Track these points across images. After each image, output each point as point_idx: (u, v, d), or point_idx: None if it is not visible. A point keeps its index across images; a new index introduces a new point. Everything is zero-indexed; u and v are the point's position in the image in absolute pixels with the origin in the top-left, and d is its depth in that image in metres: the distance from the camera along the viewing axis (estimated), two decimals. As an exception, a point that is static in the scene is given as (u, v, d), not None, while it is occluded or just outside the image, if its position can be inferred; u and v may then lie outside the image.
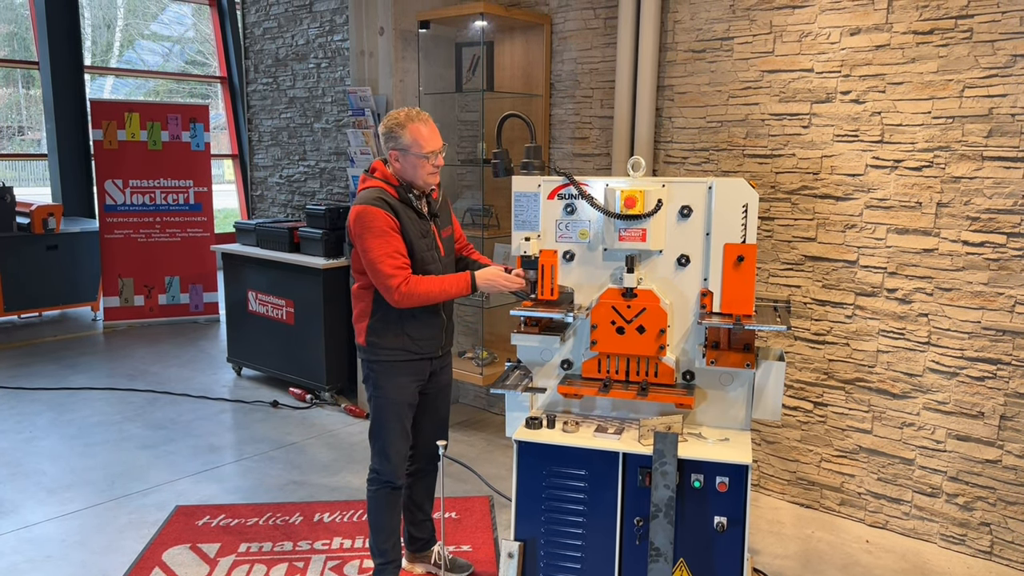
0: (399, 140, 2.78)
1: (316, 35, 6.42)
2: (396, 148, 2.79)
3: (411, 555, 3.30)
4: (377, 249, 2.72)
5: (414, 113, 2.82)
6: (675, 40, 4.11)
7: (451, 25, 4.83)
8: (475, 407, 5.35)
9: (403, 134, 2.76)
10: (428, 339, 2.94)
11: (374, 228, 2.72)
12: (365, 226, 2.73)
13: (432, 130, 2.81)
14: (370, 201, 2.76)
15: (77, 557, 3.43)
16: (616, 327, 2.71)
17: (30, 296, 7.56)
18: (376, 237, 2.72)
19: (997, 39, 3.21)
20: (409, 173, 2.81)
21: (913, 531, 3.64)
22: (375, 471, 3.01)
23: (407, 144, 2.77)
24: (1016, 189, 3.23)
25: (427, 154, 2.78)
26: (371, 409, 2.99)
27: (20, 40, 10.93)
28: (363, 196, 2.80)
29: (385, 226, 2.73)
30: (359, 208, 2.76)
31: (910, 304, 3.54)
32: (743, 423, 2.75)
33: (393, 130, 2.78)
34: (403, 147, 2.78)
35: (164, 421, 5.07)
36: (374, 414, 2.98)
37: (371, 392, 2.97)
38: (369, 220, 2.73)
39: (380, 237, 2.72)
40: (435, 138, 2.82)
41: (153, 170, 7.64)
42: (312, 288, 5.32)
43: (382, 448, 2.97)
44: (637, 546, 2.58)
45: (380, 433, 2.97)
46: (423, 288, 2.75)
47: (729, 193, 2.62)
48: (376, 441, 2.99)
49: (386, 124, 2.81)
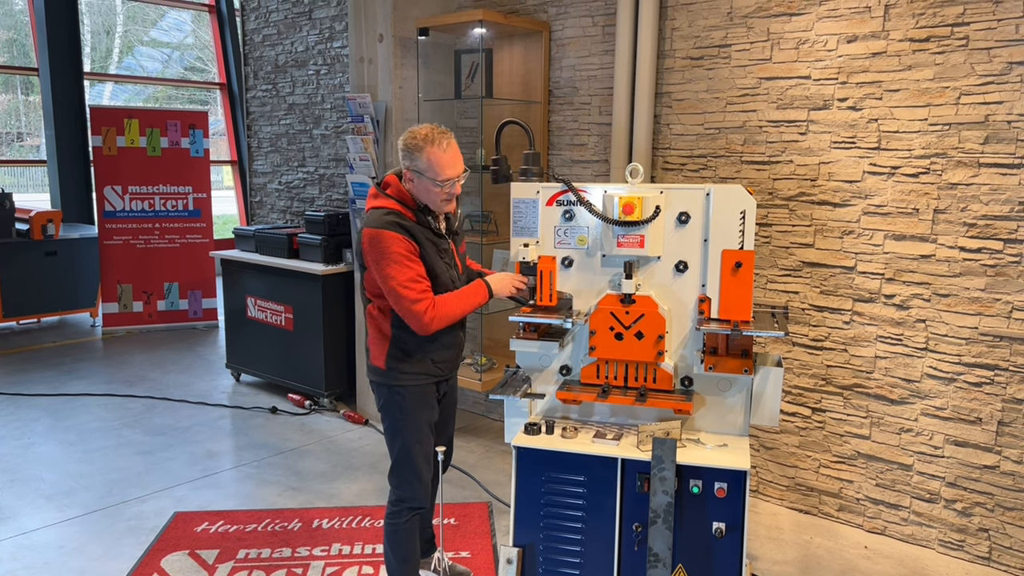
0: (416, 161, 2.63)
1: (315, 42, 6.44)
2: (412, 169, 2.65)
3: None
4: (398, 276, 2.58)
5: (436, 134, 2.64)
6: (673, 47, 4.13)
7: (450, 32, 4.85)
8: (474, 413, 5.35)
9: (420, 156, 2.61)
10: (449, 360, 2.89)
11: (392, 254, 2.58)
12: (382, 252, 2.59)
13: (452, 156, 2.65)
14: (385, 225, 2.61)
15: (75, 564, 3.43)
16: (615, 333, 2.71)
17: (29, 302, 7.55)
18: (394, 264, 2.58)
19: (993, 46, 3.23)
20: (422, 195, 2.69)
21: (911, 537, 3.65)
22: (401, 500, 2.86)
23: (422, 168, 2.62)
24: (1013, 195, 3.24)
25: (442, 182, 2.64)
26: (396, 437, 2.83)
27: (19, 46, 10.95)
28: (376, 218, 2.64)
29: (404, 251, 2.60)
30: (373, 232, 2.60)
31: (908, 310, 3.55)
32: (741, 429, 2.76)
33: (411, 150, 2.63)
34: (418, 169, 2.63)
35: (163, 427, 5.07)
36: (400, 442, 2.82)
37: (395, 419, 2.82)
38: (386, 246, 2.58)
39: (399, 264, 2.58)
40: (454, 164, 2.66)
41: (152, 176, 7.65)
42: (311, 294, 5.32)
43: (410, 476, 2.84)
44: (636, 552, 2.58)
45: (408, 460, 2.83)
46: (448, 310, 2.64)
47: (727, 199, 2.63)
48: (403, 470, 2.84)
49: (405, 140, 2.65)
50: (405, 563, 2.91)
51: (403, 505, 2.87)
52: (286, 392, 5.64)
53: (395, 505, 2.88)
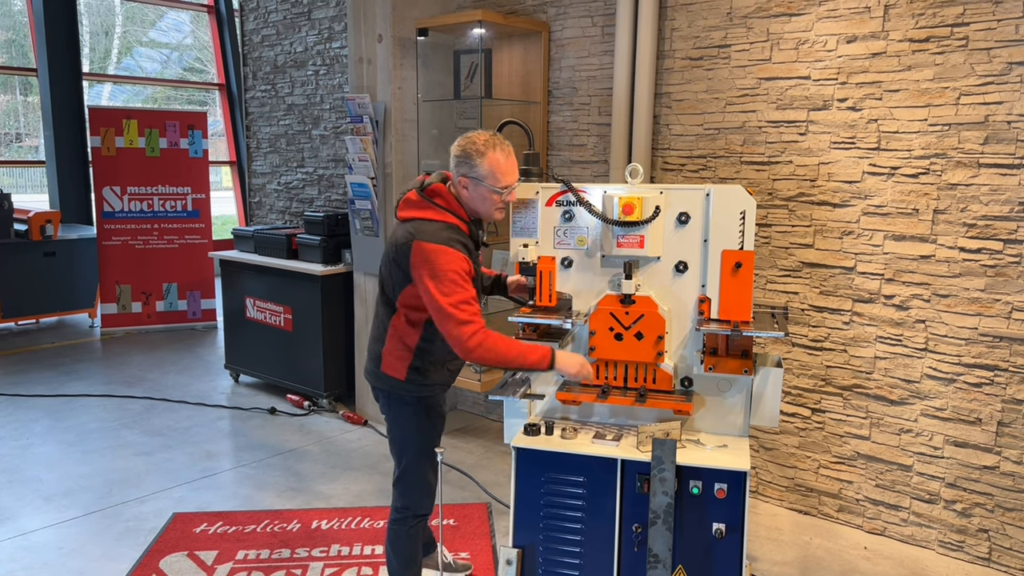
0: (475, 168, 2.56)
1: (314, 42, 6.43)
2: (468, 176, 2.57)
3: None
4: (453, 295, 2.47)
5: (496, 140, 2.58)
6: (672, 48, 4.13)
7: (449, 32, 4.85)
8: (473, 414, 5.34)
9: (481, 163, 2.55)
10: (459, 369, 2.88)
11: (448, 273, 2.48)
12: (439, 270, 2.48)
13: (512, 162, 2.59)
14: (447, 242, 2.52)
15: (74, 565, 3.42)
16: (614, 333, 2.71)
17: (28, 303, 7.54)
18: (450, 283, 2.48)
19: (993, 47, 3.23)
20: (476, 204, 2.61)
21: (911, 538, 3.64)
22: (407, 508, 2.83)
23: (483, 174, 2.55)
24: (1012, 196, 3.24)
25: (502, 188, 2.58)
26: (408, 446, 2.79)
27: (18, 47, 10.93)
28: (434, 232, 2.54)
29: (464, 271, 2.51)
30: (436, 248, 2.50)
31: (907, 310, 3.54)
32: (741, 429, 2.75)
33: (471, 156, 2.56)
34: (477, 176, 2.56)
35: (161, 428, 5.06)
36: (411, 451, 2.79)
37: (409, 429, 2.78)
38: (446, 264, 2.48)
39: (455, 283, 2.48)
40: (513, 171, 2.61)
41: (151, 177, 7.64)
42: (310, 295, 5.31)
43: (420, 484, 2.81)
44: (636, 553, 2.58)
45: (418, 469, 2.80)
46: (497, 345, 2.49)
47: (727, 200, 2.63)
48: (412, 478, 2.81)
49: (463, 147, 2.58)
50: (408, 568, 2.89)
51: (409, 512, 2.85)
52: (285, 393, 5.63)
53: (400, 512, 2.85)
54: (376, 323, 2.81)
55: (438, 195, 2.64)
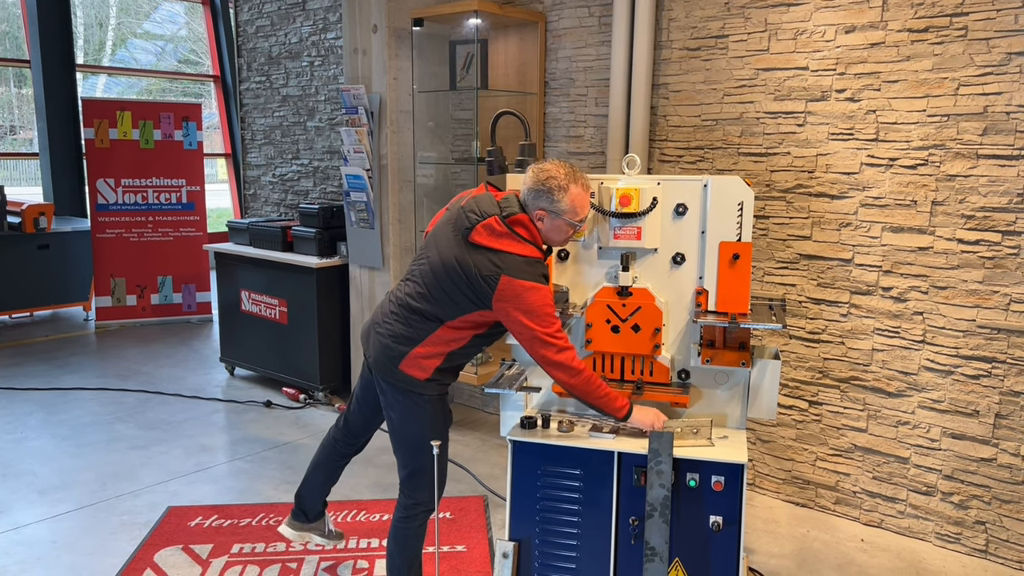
0: (556, 203, 2.53)
1: (309, 33, 6.39)
2: (547, 209, 2.54)
3: (301, 525, 3.18)
4: (551, 327, 2.50)
5: (576, 174, 2.57)
6: (670, 38, 4.10)
7: (445, 23, 4.81)
8: (469, 407, 5.33)
9: (563, 198, 2.52)
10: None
11: (545, 307, 2.50)
12: (536, 305, 2.49)
13: (588, 196, 2.61)
14: (536, 278, 2.51)
15: (68, 559, 3.40)
16: (611, 326, 2.70)
17: (21, 296, 7.51)
18: (547, 316, 2.50)
19: (992, 37, 3.21)
20: (550, 234, 2.60)
21: (908, 530, 3.64)
22: (419, 504, 2.79)
23: (563, 209, 2.53)
24: (1011, 187, 3.23)
25: (579, 222, 2.58)
26: (423, 444, 2.73)
27: (12, 38, 10.86)
28: (524, 268, 2.51)
29: (552, 304, 2.54)
30: (528, 285, 2.48)
31: (905, 302, 3.53)
32: (738, 422, 2.74)
33: (553, 191, 2.52)
34: (557, 211, 2.53)
35: (156, 421, 5.04)
36: (427, 448, 2.74)
37: (425, 427, 2.71)
38: (540, 300, 2.49)
39: (549, 316, 2.51)
40: (588, 204, 2.62)
41: (145, 169, 7.60)
42: (305, 288, 5.29)
43: (432, 480, 2.77)
44: (632, 545, 2.57)
45: (432, 466, 2.75)
46: (594, 382, 2.53)
47: (724, 191, 2.61)
48: (426, 475, 2.75)
49: (542, 181, 2.54)
50: (411, 567, 2.86)
51: (420, 508, 2.80)
52: (280, 386, 5.61)
53: (410, 509, 2.80)
54: (405, 325, 2.68)
55: (521, 225, 2.57)
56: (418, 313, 2.65)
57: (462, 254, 2.54)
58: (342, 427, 3.09)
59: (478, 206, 2.59)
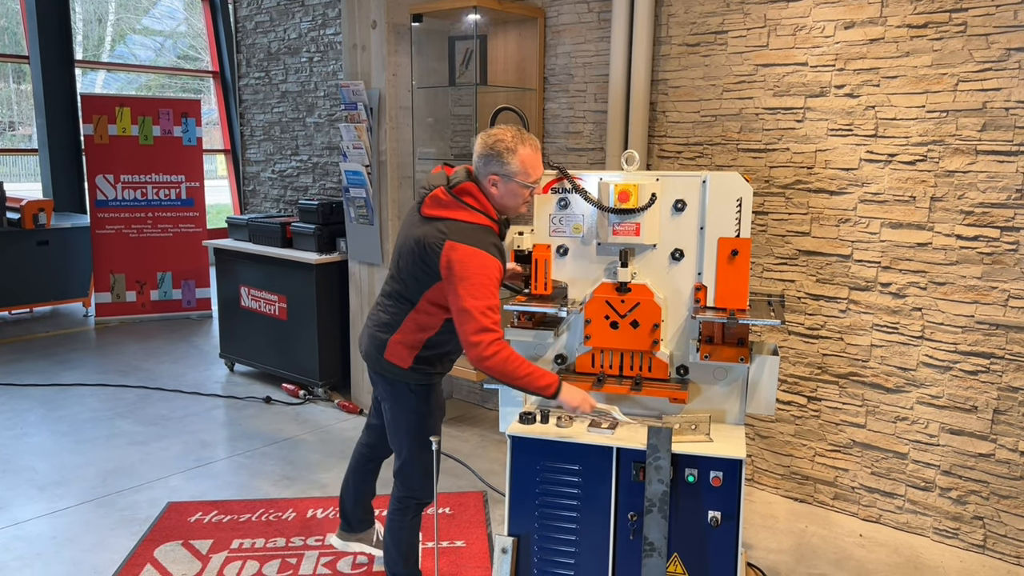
0: (505, 165, 2.53)
1: (308, 29, 6.38)
2: (498, 173, 2.55)
3: (346, 534, 3.21)
4: (481, 300, 2.45)
5: (524, 136, 2.57)
6: (669, 34, 4.10)
7: (444, 18, 4.81)
8: (469, 403, 5.34)
9: (512, 160, 2.53)
10: (455, 358, 2.89)
11: (482, 278, 2.46)
12: (474, 274, 2.46)
13: (539, 156, 2.60)
14: (487, 247, 2.51)
15: (68, 554, 3.41)
16: (610, 322, 2.70)
17: (21, 292, 7.51)
18: (482, 287, 2.46)
19: (991, 32, 3.21)
20: (506, 201, 2.60)
21: (906, 525, 3.65)
22: (411, 496, 2.83)
23: (514, 171, 2.53)
24: (1010, 183, 3.23)
25: (532, 183, 2.58)
26: (413, 434, 2.77)
27: (11, 34, 10.84)
28: (470, 234, 2.52)
29: (496, 278, 2.50)
30: (470, 250, 2.47)
31: (904, 298, 3.54)
32: (737, 417, 2.74)
33: (501, 154, 2.53)
34: (508, 173, 2.54)
35: (156, 417, 5.05)
36: (414, 438, 2.77)
37: (413, 418, 2.76)
38: (480, 268, 2.46)
39: (484, 288, 2.46)
40: (541, 164, 2.61)
41: (145, 165, 7.59)
42: (305, 283, 5.29)
43: (423, 471, 2.80)
44: (631, 541, 2.58)
45: (423, 457, 2.78)
46: (513, 362, 2.46)
47: (723, 187, 2.61)
48: (417, 466, 2.80)
49: (490, 144, 2.55)
50: (406, 560, 2.89)
51: (412, 500, 2.84)
52: (280, 382, 5.62)
53: (403, 501, 2.84)
54: (384, 312, 2.75)
55: (468, 194, 2.59)
56: (392, 297, 2.73)
57: (417, 229, 2.62)
58: (364, 432, 3.13)
59: (429, 182, 2.70)
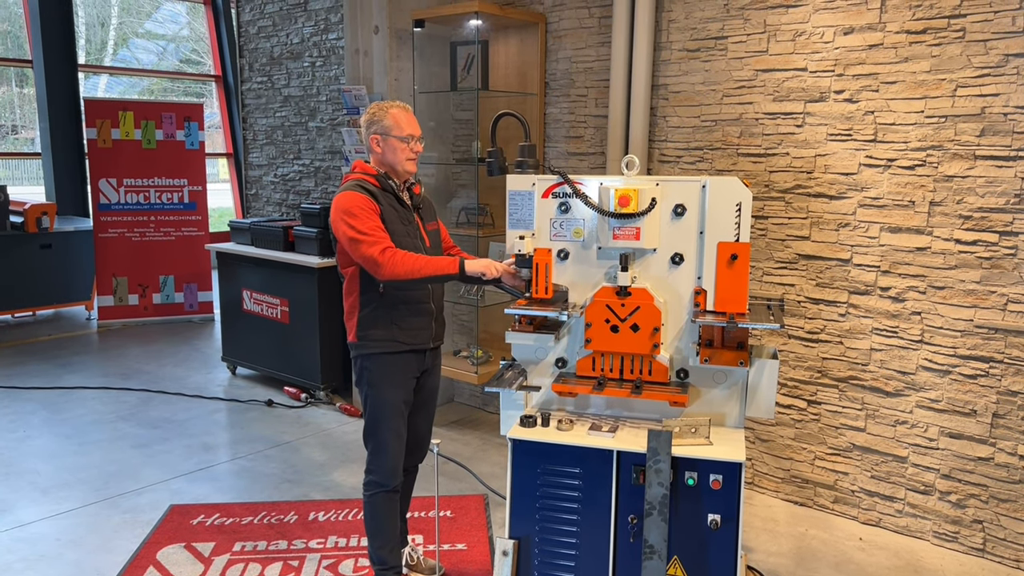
0: (380, 124, 2.86)
1: (311, 33, 6.41)
2: (377, 132, 2.87)
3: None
4: (357, 226, 2.72)
5: (395, 101, 2.95)
6: (669, 39, 4.12)
7: (446, 24, 4.83)
8: (470, 406, 5.35)
9: (384, 117, 2.85)
10: (418, 329, 2.93)
11: (352, 209, 2.74)
12: (343, 209, 2.75)
13: (411, 117, 2.91)
14: (348, 188, 2.82)
15: (71, 556, 3.43)
16: (610, 325, 2.71)
17: (24, 295, 7.54)
18: (354, 217, 2.73)
19: (990, 38, 3.23)
20: (389, 157, 2.87)
21: (906, 528, 3.66)
22: (370, 474, 2.98)
23: (388, 127, 2.85)
24: (1008, 188, 3.24)
25: (406, 136, 2.85)
26: (366, 409, 2.96)
27: (14, 38, 10.88)
28: (342, 188, 2.87)
29: (364, 206, 2.76)
30: (343, 194, 2.81)
31: (903, 302, 3.55)
32: (737, 421, 2.76)
33: (375, 115, 2.87)
34: (383, 130, 2.85)
35: (158, 420, 5.06)
36: (369, 414, 2.94)
37: (365, 391, 2.94)
38: (347, 204, 2.76)
39: (358, 217, 2.73)
40: (414, 123, 2.91)
41: (147, 169, 7.63)
42: (307, 287, 5.31)
43: (377, 449, 2.94)
44: (631, 544, 2.59)
45: (375, 433, 2.93)
46: (408, 258, 2.71)
47: (723, 192, 2.62)
48: (371, 442, 2.96)
49: (370, 114, 2.91)
50: (374, 539, 3.00)
51: (372, 480, 2.97)
52: (282, 385, 5.63)
53: (367, 485, 3.00)
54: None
55: (355, 167, 2.95)
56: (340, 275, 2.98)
57: None
58: None
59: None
